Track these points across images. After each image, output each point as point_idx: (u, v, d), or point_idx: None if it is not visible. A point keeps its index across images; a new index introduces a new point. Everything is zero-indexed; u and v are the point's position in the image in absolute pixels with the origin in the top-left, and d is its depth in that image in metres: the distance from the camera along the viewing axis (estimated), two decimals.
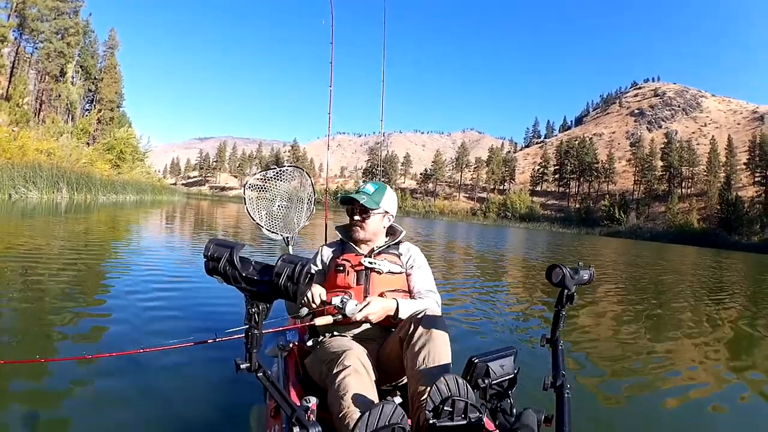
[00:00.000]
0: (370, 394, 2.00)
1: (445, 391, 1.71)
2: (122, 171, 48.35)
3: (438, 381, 1.74)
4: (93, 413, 2.80)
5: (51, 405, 2.87)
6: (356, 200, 2.71)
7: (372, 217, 2.76)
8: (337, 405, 1.93)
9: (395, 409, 1.63)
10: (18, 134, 32.26)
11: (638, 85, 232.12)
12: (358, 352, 2.15)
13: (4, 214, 17.10)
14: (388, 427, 1.60)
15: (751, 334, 6.93)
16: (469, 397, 1.74)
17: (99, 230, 14.64)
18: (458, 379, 1.76)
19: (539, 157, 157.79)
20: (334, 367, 2.08)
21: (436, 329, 2.18)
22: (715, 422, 3.62)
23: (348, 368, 2.04)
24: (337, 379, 2.02)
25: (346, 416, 1.85)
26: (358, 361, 2.09)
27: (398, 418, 1.63)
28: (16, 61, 45.62)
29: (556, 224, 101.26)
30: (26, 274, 6.36)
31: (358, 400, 1.91)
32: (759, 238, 70.48)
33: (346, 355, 2.11)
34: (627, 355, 5.17)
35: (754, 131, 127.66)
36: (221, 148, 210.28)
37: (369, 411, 1.61)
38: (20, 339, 3.97)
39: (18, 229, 12.50)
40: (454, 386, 1.73)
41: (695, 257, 30.58)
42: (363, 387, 2.00)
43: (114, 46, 61.27)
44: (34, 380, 3.16)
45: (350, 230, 2.82)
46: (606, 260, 20.70)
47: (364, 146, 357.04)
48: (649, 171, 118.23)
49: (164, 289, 6.27)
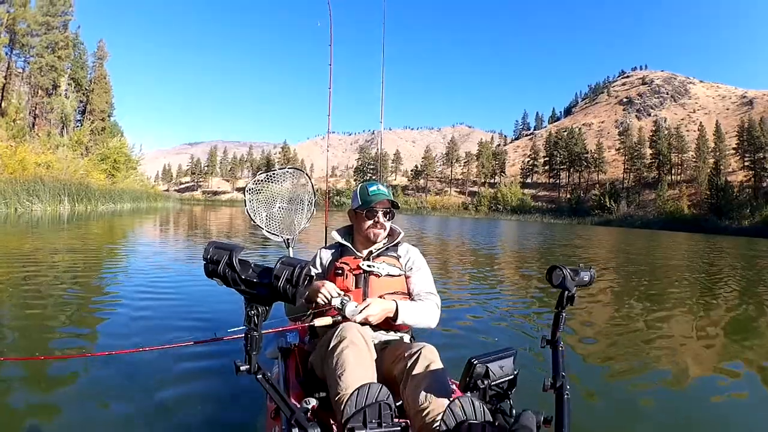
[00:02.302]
0: (368, 368, 2.06)
1: (459, 414, 1.70)
2: (117, 180, 48.98)
3: (452, 404, 1.73)
4: (93, 412, 2.88)
5: (51, 402, 2.95)
6: (389, 199, 2.72)
7: (392, 219, 2.80)
8: (335, 386, 1.98)
9: (381, 388, 1.72)
10: (16, 149, 32.68)
11: (626, 74, 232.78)
12: (357, 327, 2.18)
13: (16, 227, 17.48)
14: (375, 404, 1.67)
15: (748, 326, 6.99)
16: (486, 419, 1.74)
17: (100, 237, 15.08)
18: (474, 401, 1.75)
19: (529, 149, 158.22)
20: (332, 341, 2.13)
21: (432, 365, 2.11)
22: (715, 422, 3.58)
23: (345, 340, 2.08)
24: (335, 353, 2.06)
25: (343, 398, 1.88)
26: (358, 334, 2.14)
27: (384, 396, 1.70)
28: (8, 77, 45.84)
29: (548, 215, 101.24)
30: (28, 278, 6.50)
31: (355, 378, 1.94)
32: (749, 222, 70.06)
33: (344, 328, 2.16)
34: (626, 355, 5.14)
35: (743, 116, 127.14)
36: (212, 153, 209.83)
37: (357, 390, 1.70)
38: (21, 337, 4.06)
39: (25, 239, 12.90)
40: (470, 408, 1.72)
41: (686, 243, 30.77)
42: (361, 361, 2.04)
43: (103, 57, 61.26)
44: (34, 378, 3.24)
45: (368, 233, 2.74)
46: (600, 251, 20.81)
47: (354, 145, 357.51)
48: (638, 159, 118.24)
49: (164, 292, 6.38)
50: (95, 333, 4.38)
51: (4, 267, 7.93)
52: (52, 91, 50.99)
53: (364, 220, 2.72)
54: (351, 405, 1.67)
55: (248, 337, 1.50)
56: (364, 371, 2.01)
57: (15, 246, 11.54)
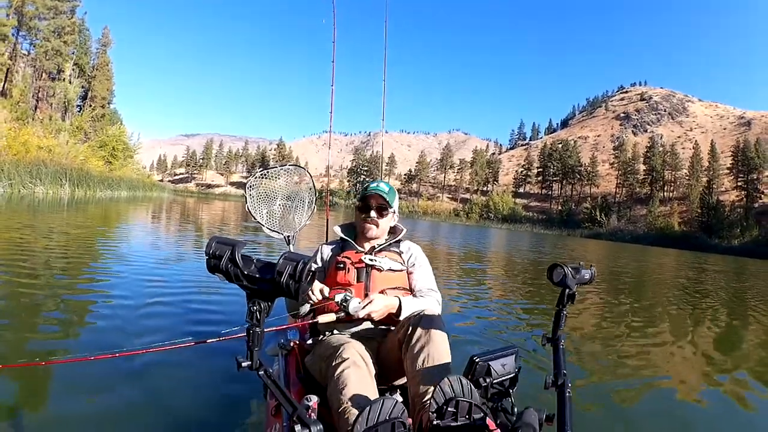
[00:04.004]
0: (370, 387, 2.03)
1: (449, 392, 1.74)
2: (114, 167, 49.16)
3: (441, 382, 1.77)
4: (93, 413, 2.85)
5: (51, 406, 2.92)
6: (381, 195, 2.75)
7: (387, 215, 2.81)
8: (337, 399, 1.94)
9: (395, 404, 1.66)
10: (20, 131, 32.93)
11: (625, 89, 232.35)
12: (356, 346, 2.16)
13: (22, 208, 17.68)
14: (388, 421, 1.61)
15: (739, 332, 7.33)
16: (473, 397, 1.77)
17: (99, 226, 14.97)
18: (462, 380, 1.79)
19: (523, 159, 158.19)
20: (333, 360, 2.10)
21: (434, 329, 2.20)
22: (715, 418, 3.64)
23: (347, 361, 2.05)
24: (336, 372, 2.03)
25: (346, 411, 1.87)
26: (357, 354, 2.11)
27: (398, 413, 1.65)
28: (14, 58, 45.97)
29: (538, 226, 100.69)
30: (27, 278, 6.23)
31: (357, 395, 1.92)
32: (738, 242, 70.66)
33: (345, 348, 2.12)
34: (625, 354, 5.20)
35: (740, 136, 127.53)
36: (208, 146, 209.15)
37: (369, 406, 1.64)
38: (20, 342, 3.96)
39: (30, 222, 13.04)
40: (458, 387, 1.76)
41: (675, 260, 30.96)
42: (362, 380, 2.02)
43: (107, 44, 61.10)
44: (34, 382, 3.20)
45: (362, 227, 2.81)
46: (591, 260, 20.83)
47: (349, 146, 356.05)
48: (632, 174, 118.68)
49: (165, 288, 6.28)
50: (95, 333, 4.35)
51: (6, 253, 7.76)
52: (55, 75, 51.14)
53: (359, 214, 2.82)
54: (362, 422, 1.62)
55: (250, 332, 1.51)
56: (365, 390, 1.99)
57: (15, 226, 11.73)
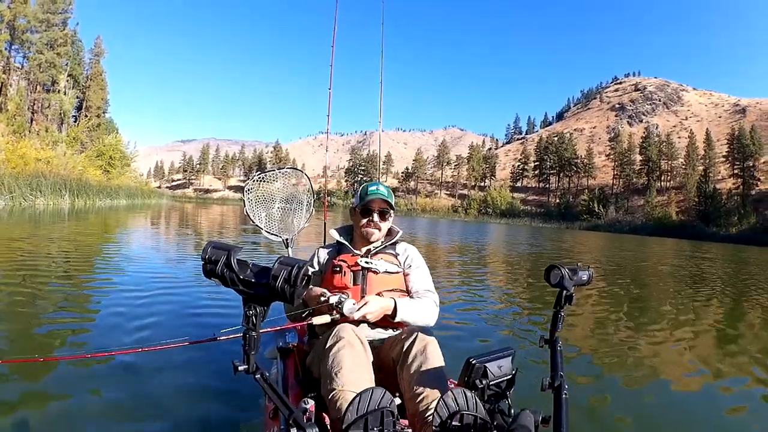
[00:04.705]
0: (365, 368, 2.06)
1: (453, 406, 1.73)
2: (112, 176, 49.28)
3: (445, 395, 1.76)
4: (91, 412, 2.87)
5: (50, 403, 2.94)
6: (384, 199, 2.74)
7: (389, 219, 2.81)
8: (330, 382, 1.97)
9: (384, 393, 1.70)
10: (18, 144, 33.10)
11: (619, 80, 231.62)
12: (352, 327, 2.19)
13: (24, 220, 17.82)
14: (377, 410, 1.65)
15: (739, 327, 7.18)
16: (478, 411, 1.76)
17: (99, 233, 15.27)
18: (466, 393, 1.78)
19: (520, 153, 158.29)
20: (328, 341, 2.12)
21: (429, 347, 2.18)
22: (714, 420, 3.61)
23: (342, 341, 2.08)
24: (331, 352, 2.05)
25: (337, 396, 1.91)
26: (353, 334, 2.13)
27: (387, 402, 1.68)
28: (7, 72, 46.10)
29: (537, 219, 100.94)
30: (25, 279, 6.43)
31: (350, 379, 1.95)
32: (736, 230, 70.76)
33: (340, 329, 2.15)
34: (623, 354, 5.13)
35: (735, 124, 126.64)
36: (204, 151, 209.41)
37: (359, 395, 1.67)
38: (20, 338, 4.03)
39: (29, 233, 13.18)
40: (462, 400, 1.75)
41: (673, 250, 30.80)
42: (357, 361, 2.04)
43: (100, 54, 60.94)
44: (33, 379, 3.21)
45: (364, 231, 2.78)
46: (590, 255, 21.04)
47: (345, 146, 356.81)
48: (628, 165, 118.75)
49: (162, 291, 6.30)
50: (94, 333, 4.41)
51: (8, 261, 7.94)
52: (50, 87, 51.23)
53: (360, 218, 2.78)
54: (352, 411, 1.65)
55: (246, 337, 1.52)
56: (360, 371, 2.03)
57: (17, 237, 11.86)
